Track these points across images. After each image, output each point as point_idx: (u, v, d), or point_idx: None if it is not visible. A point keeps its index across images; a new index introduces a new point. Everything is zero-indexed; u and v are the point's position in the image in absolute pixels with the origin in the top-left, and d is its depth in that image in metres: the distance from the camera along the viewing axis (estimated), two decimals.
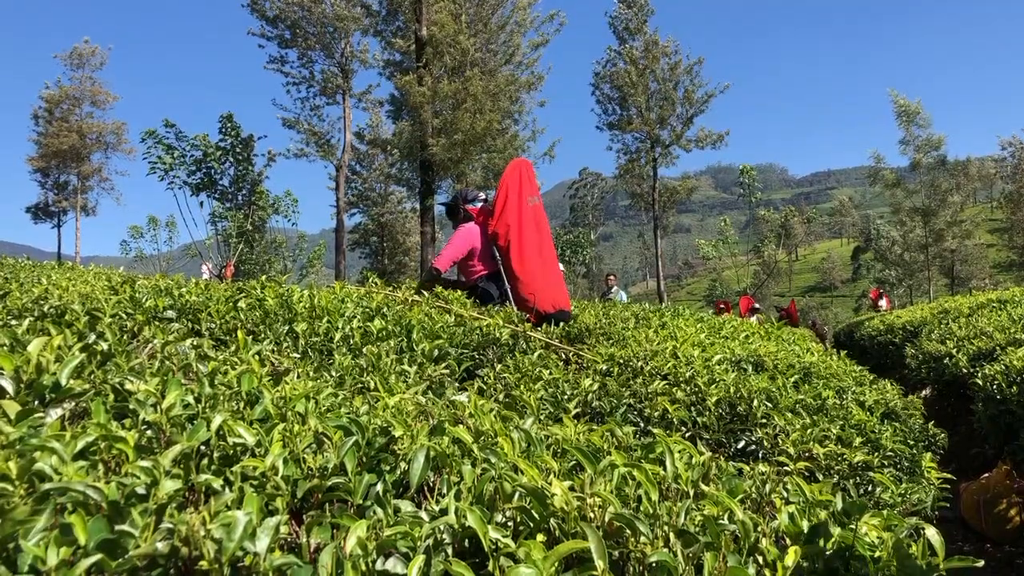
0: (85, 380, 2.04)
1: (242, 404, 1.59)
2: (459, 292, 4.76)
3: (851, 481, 2.98)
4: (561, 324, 4.73)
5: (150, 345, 2.57)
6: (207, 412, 1.44)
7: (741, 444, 3.20)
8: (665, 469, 1.47)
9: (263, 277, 4.05)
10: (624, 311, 6.39)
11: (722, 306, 19.31)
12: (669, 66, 35.19)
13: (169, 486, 1.03)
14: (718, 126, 36.21)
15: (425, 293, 4.59)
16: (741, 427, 3.27)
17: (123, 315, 3.11)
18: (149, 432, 1.36)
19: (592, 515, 1.16)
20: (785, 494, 1.68)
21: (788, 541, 1.29)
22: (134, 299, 3.42)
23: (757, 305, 21.48)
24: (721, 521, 1.34)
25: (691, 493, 1.42)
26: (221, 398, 1.67)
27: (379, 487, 1.23)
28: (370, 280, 4.87)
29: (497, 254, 5.40)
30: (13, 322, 2.71)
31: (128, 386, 1.51)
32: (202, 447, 1.34)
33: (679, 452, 1.61)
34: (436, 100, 23.23)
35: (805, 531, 1.27)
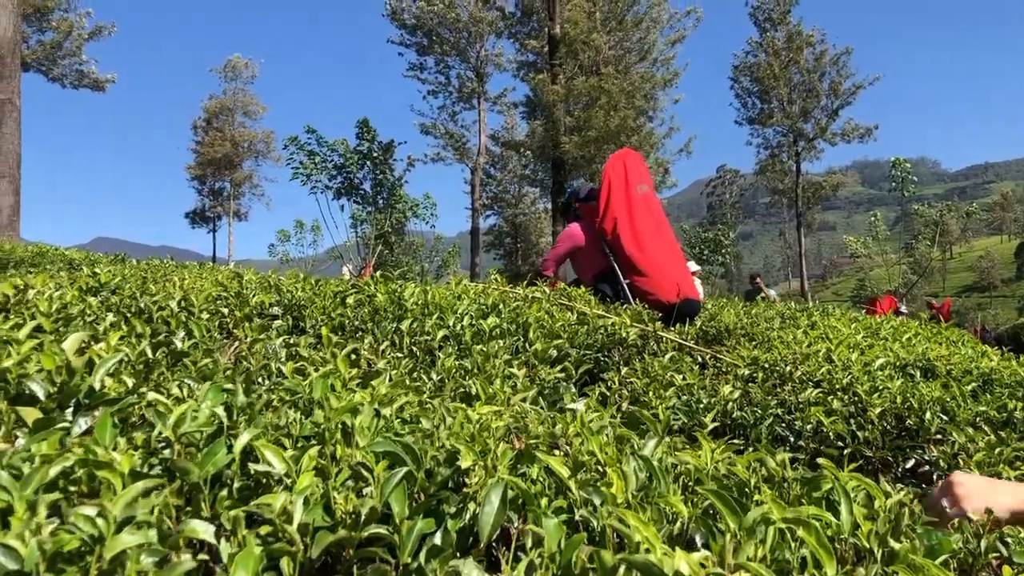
0: (150, 383, 1.82)
1: (298, 415, 1.29)
2: (582, 289, 4.45)
3: None
4: (698, 324, 4.29)
5: (236, 344, 2.36)
6: (240, 427, 1.14)
7: (911, 464, 2.72)
8: (838, 517, 1.07)
9: (396, 273, 3.88)
10: (768, 310, 5.87)
11: (872, 306, 17.60)
12: (814, 56, 33.65)
13: (126, 541, 0.73)
14: (864, 119, 34.25)
15: (547, 290, 4.28)
16: (911, 444, 2.78)
17: (223, 311, 2.93)
18: (167, 452, 1.09)
19: None
20: (1003, 551, 1.24)
21: None
22: (240, 295, 3.25)
23: (903, 308, 19.20)
24: None
25: (877, 553, 1.02)
26: (279, 406, 1.39)
27: (438, 538, 0.89)
28: (491, 276, 4.61)
29: (608, 250, 5.01)
30: (111, 317, 2.55)
31: (151, 395, 1.24)
32: (229, 474, 1.05)
33: (853, 489, 1.20)
34: (570, 98, 22.98)
35: None
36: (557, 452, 1.20)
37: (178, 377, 1.70)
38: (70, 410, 1.39)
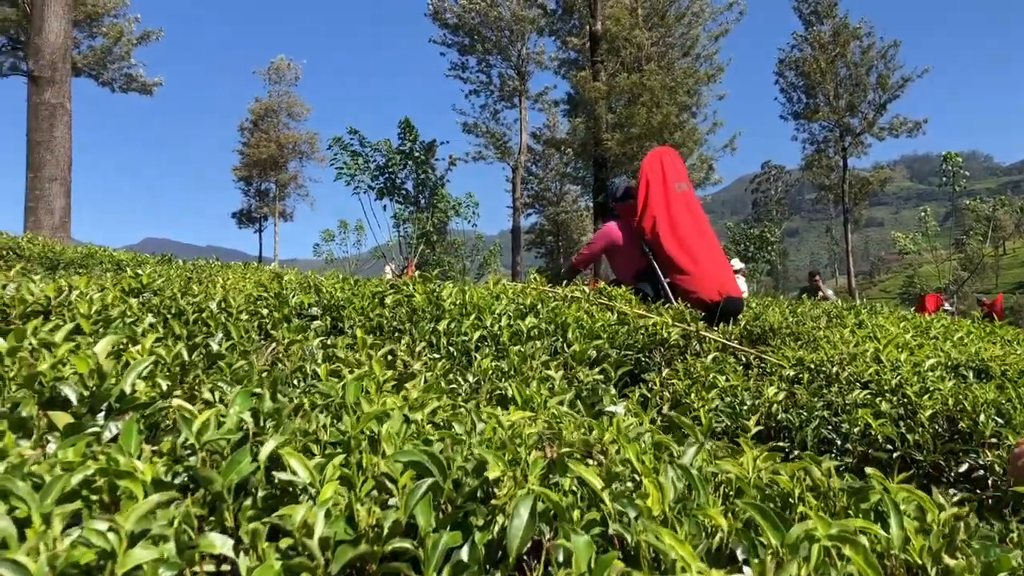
0: (184, 386, 1.82)
1: (328, 420, 1.27)
2: (623, 288, 4.39)
3: None
4: (742, 323, 4.21)
5: (273, 345, 2.35)
6: (266, 433, 1.12)
7: (964, 468, 2.61)
8: (888, 530, 1.01)
9: (435, 272, 3.88)
10: (814, 308, 5.75)
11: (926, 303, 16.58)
12: (861, 50, 32.98)
13: (140, 556, 0.71)
14: (912, 112, 33.44)
15: (586, 289, 4.23)
16: (964, 447, 2.67)
17: (262, 312, 2.93)
18: (192, 459, 1.07)
19: None
20: None
21: None
22: (280, 296, 3.26)
23: (947, 306, 17.94)
24: None
25: (930, 571, 0.96)
26: (308, 410, 1.37)
27: (464, 553, 0.86)
28: (530, 275, 4.58)
29: (647, 249, 4.96)
30: (150, 318, 2.56)
31: (176, 401, 1.22)
32: (254, 482, 1.02)
33: (903, 500, 1.14)
34: (611, 95, 22.85)
35: None
36: (591, 461, 1.16)
37: (213, 380, 1.69)
38: (102, 414, 1.38)
